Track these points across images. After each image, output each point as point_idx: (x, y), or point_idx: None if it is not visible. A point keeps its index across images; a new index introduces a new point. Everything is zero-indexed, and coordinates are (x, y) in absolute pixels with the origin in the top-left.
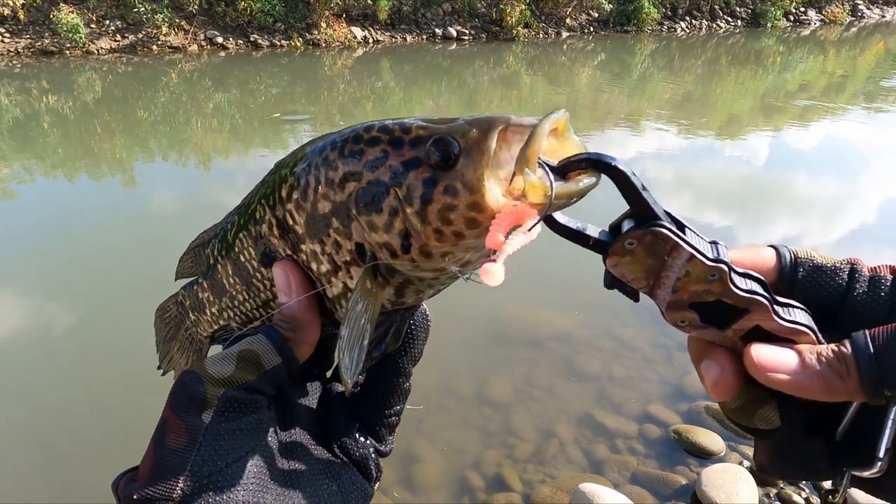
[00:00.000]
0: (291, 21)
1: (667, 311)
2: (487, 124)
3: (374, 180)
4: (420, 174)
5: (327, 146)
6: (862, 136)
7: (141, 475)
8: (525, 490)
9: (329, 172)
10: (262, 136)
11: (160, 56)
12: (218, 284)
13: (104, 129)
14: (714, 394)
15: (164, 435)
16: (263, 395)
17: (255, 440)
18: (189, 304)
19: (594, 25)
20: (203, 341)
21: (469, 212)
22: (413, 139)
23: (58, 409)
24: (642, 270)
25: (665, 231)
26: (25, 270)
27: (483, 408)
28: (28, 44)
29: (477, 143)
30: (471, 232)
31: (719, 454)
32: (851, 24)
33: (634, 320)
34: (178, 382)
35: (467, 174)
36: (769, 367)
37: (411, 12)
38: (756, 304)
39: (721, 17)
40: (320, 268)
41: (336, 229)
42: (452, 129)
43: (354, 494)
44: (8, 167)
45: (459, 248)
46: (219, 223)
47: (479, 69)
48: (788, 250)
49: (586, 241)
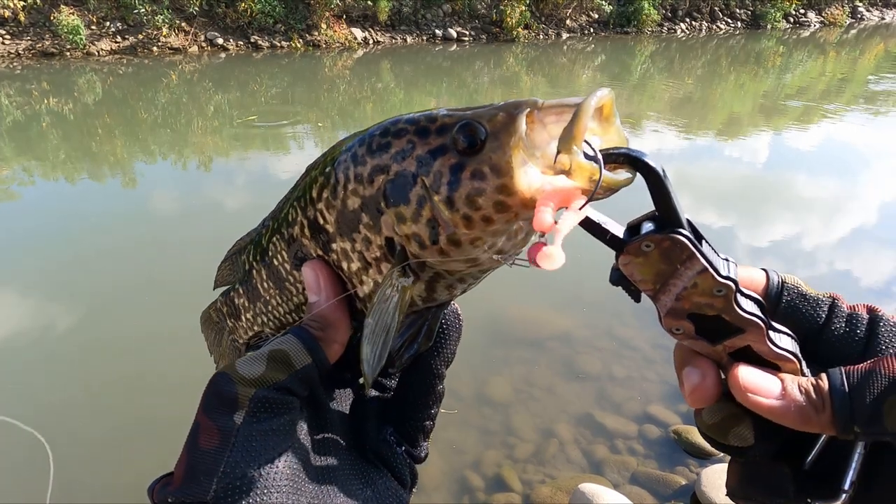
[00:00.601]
0: (292, 22)
1: (665, 316)
2: (515, 107)
3: (401, 171)
4: (447, 161)
5: (356, 144)
6: (861, 137)
7: (175, 479)
8: (525, 490)
9: (358, 168)
10: (261, 136)
11: (160, 57)
12: (253, 289)
13: (104, 130)
14: (691, 400)
15: (196, 437)
16: (295, 397)
17: (288, 441)
18: (227, 310)
19: (594, 27)
20: (240, 348)
21: (497, 195)
22: (439, 127)
23: (58, 409)
24: (652, 274)
25: (684, 240)
26: (25, 271)
27: (483, 408)
28: (29, 45)
29: (505, 126)
30: (500, 216)
31: (719, 455)
32: (851, 26)
33: (634, 320)
34: (210, 384)
35: (495, 157)
36: (752, 390)
37: (411, 13)
38: (753, 326)
39: (721, 19)
40: (351, 266)
41: (366, 225)
42: (478, 114)
43: (389, 500)
44: (8, 168)
45: (488, 234)
46: (254, 229)
47: (480, 70)
48: (777, 275)
49: (603, 235)
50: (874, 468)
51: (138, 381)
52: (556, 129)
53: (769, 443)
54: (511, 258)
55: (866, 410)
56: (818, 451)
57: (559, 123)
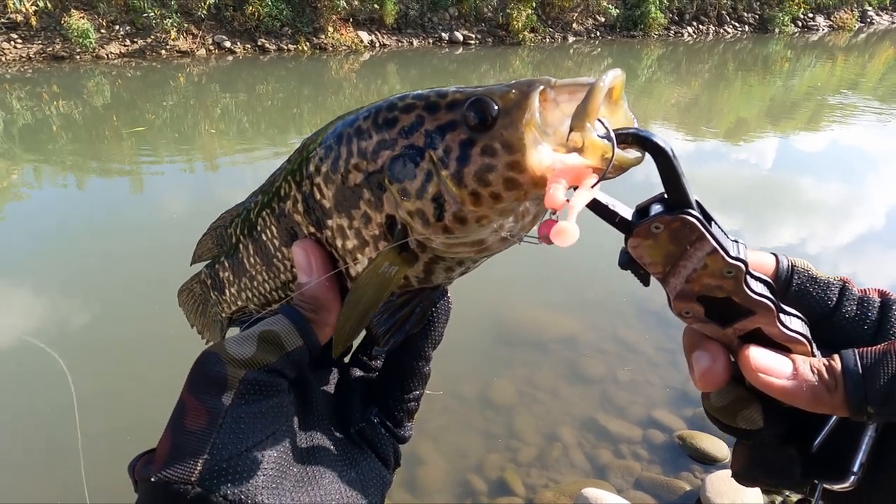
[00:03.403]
0: (299, 25)
1: (674, 299)
2: (528, 85)
3: (408, 146)
4: (457, 136)
5: (359, 118)
6: (869, 140)
7: (158, 457)
8: (528, 494)
9: (362, 142)
10: (269, 138)
11: (169, 60)
12: (239, 264)
13: (113, 132)
14: (701, 383)
15: (182, 417)
16: (284, 379)
17: (276, 424)
18: (210, 283)
19: (601, 30)
20: (223, 321)
21: (508, 172)
22: (449, 103)
23: (63, 410)
24: (662, 256)
25: (694, 220)
26: (32, 272)
27: (486, 411)
28: (40, 49)
29: (517, 103)
30: (509, 194)
31: (724, 460)
32: (860, 31)
33: (639, 323)
34: (198, 363)
35: (506, 134)
36: (764, 370)
37: (418, 16)
38: (763, 308)
39: (728, 23)
40: (346, 244)
41: (367, 201)
42: (490, 91)
43: (373, 481)
44: (18, 170)
45: (496, 212)
46: (241, 203)
47: (486, 73)
48: (787, 259)
49: (612, 217)
50: (884, 450)
51: (145, 383)
52: (568, 108)
53: (778, 426)
54: (522, 235)
55: (881, 391)
56: (826, 434)
57: (572, 102)
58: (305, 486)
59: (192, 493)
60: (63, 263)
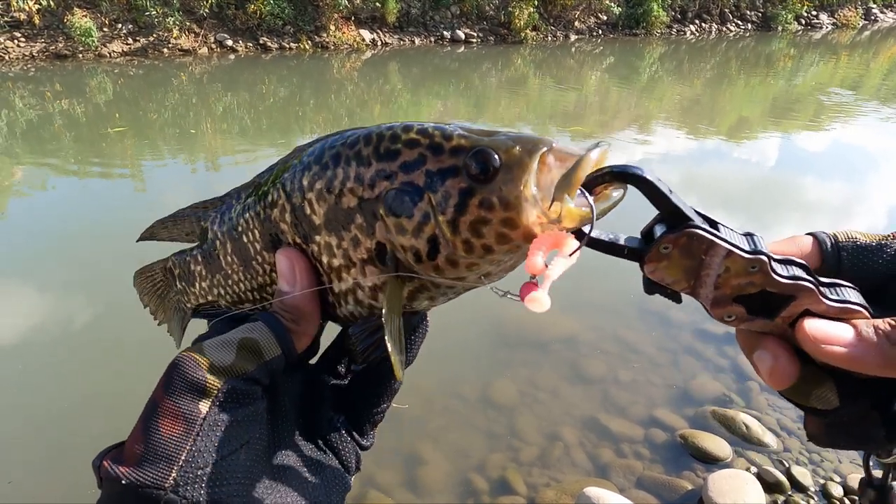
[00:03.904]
0: (300, 24)
1: (711, 308)
2: (532, 144)
3: (408, 182)
4: (457, 183)
5: (360, 140)
6: (872, 139)
7: (128, 457)
8: (530, 493)
9: (360, 168)
10: (270, 137)
11: (171, 59)
12: (214, 260)
13: (115, 131)
14: (772, 383)
15: (156, 419)
16: (259, 386)
17: (250, 433)
18: (178, 272)
19: (603, 28)
20: (186, 311)
21: (502, 227)
22: (453, 147)
23: (67, 410)
24: (681, 272)
25: (699, 231)
26: (33, 272)
27: (488, 410)
28: (42, 47)
29: (519, 162)
30: (500, 247)
31: (726, 460)
32: (864, 28)
33: (640, 323)
34: (176, 366)
35: (505, 190)
36: (824, 340)
37: (419, 15)
38: (802, 290)
39: (731, 21)
40: (332, 261)
41: (358, 226)
42: (495, 144)
43: (336, 488)
44: (21, 169)
45: (485, 261)
46: (220, 196)
47: (487, 72)
48: (827, 235)
49: (620, 251)
50: None
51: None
52: (557, 173)
53: (855, 404)
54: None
55: None
56: None
57: (560, 168)
58: (274, 492)
59: (165, 498)
60: (65, 262)
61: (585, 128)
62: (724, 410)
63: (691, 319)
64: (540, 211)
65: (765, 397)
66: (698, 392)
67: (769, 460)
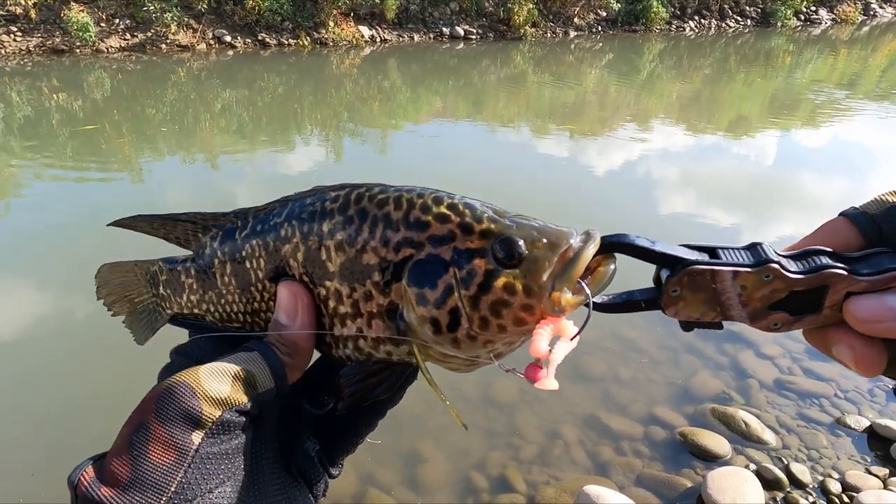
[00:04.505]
0: (299, 20)
1: (752, 324)
2: (556, 239)
3: (435, 255)
4: (483, 264)
5: (390, 202)
6: (871, 136)
7: (112, 479)
8: (529, 491)
9: (387, 231)
10: (269, 134)
11: (169, 55)
12: (209, 278)
13: (113, 126)
14: (863, 371)
15: (146, 443)
16: (248, 418)
17: (236, 464)
18: (165, 279)
19: (602, 25)
20: (163, 316)
21: (521, 312)
22: (483, 231)
23: (65, 409)
24: (702, 306)
25: (696, 267)
26: (31, 268)
27: (488, 408)
28: (39, 42)
29: (544, 255)
30: (515, 329)
31: (725, 457)
32: (863, 24)
33: (640, 321)
34: (170, 391)
35: (528, 279)
36: (871, 319)
37: (419, 11)
38: (830, 277)
39: (730, 17)
40: (339, 308)
41: (375, 283)
42: (523, 234)
43: None
44: (18, 164)
45: (499, 340)
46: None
47: (487, 68)
48: (856, 211)
49: (638, 306)
50: None
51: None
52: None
53: None
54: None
55: None
56: None
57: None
58: None
59: None
60: (64, 258)
61: (584, 126)
62: (724, 408)
63: None
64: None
65: (764, 395)
66: (698, 390)
67: (768, 457)
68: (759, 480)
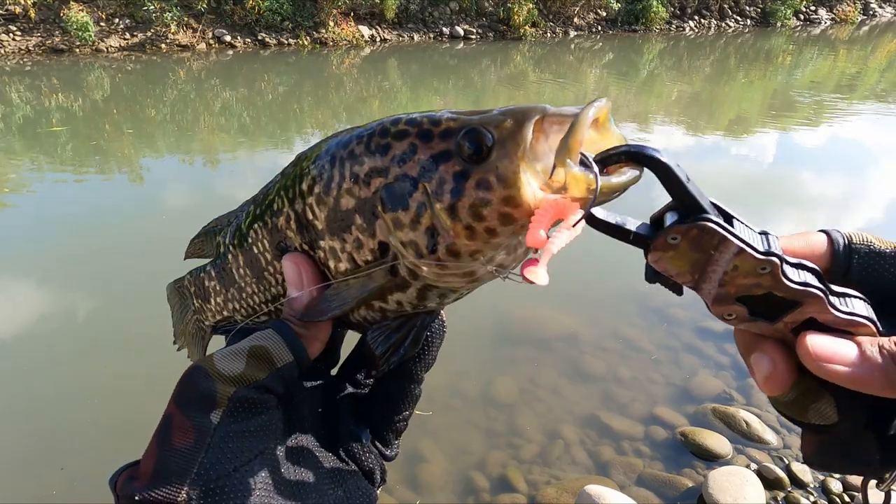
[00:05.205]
0: (299, 20)
1: (712, 304)
2: (523, 114)
3: (401, 175)
4: (450, 167)
5: (353, 140)
6: (871, 135)
7: (143, 474)
8: (530, 491)
9: (354, 167)
10: (269, 133)
11: (169, 54)
12: (227, 274)
13: (113, 126)
14: (766, 389)
15: (169, 433)
16: (273, 395)
17: (264, 443)
18: (194, 290)
19: (602, 25)
20: (205, 329)
21: (503, 207)
22: (443, 131)
23: (63, 406)
24: (687, 265)
25: (712, 225)
26: (31, 267)
27: (488, 408)
28: (39, 42)
29: (512, 135)
30: (504, 229)
31: (726, 457)
32: (863, 23)
33: (641, 320)
34: (186, 378)
35: (501, 167)
36: (825, 358)
37: (419, 11)
38: (810, 297)
39: (730, 17)
40: (339, 266)
41: (359, 227)
42: (485, 120)
43: (360, 500)
44: (17, 163)
45: (490, 247)
46: (233, 211)
47: (487, 68)
48: (841, 235)
49: (626, 235)
50: None
51: (145, 377)
52: (555, 140)
53: (854, 417)
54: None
55: None
56: None
57: (560, 133)
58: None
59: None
60: (64, 257)
61: None
62: (725, 408)
63: (692, 317)
64: (542, 182)
65: (765, 395)
66: (698, 389)
67: (769, 457)
68: (761, 480)
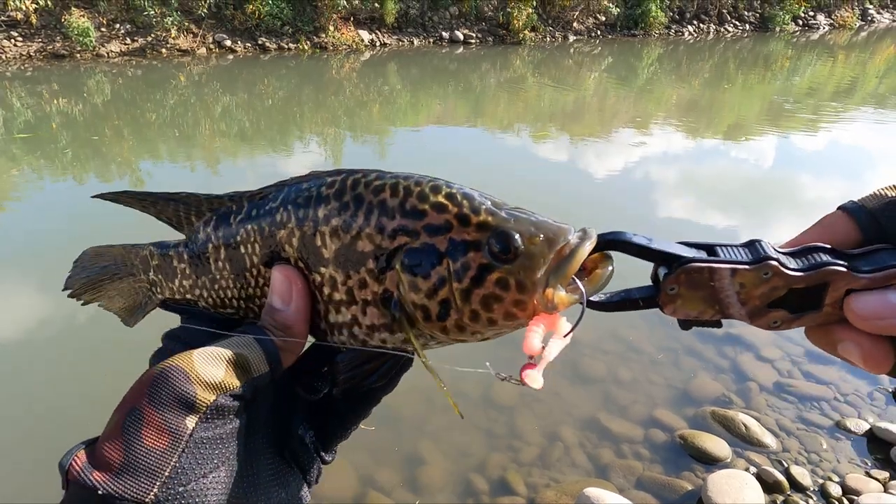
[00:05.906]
0: (299, 24)
1: (752, 321)
2: (553, 235)
3: (429, 245)
4: (478, 257)
5: (386, 189)
6: (869, 140)
7: (104, 464)
8: (529, 494)
9: (383, 218)
10: (269, 138)
11: (169, 59)
12: (202, 263)
13: (113, 131)
14: (871, 369)
15: (139, 430)
16: (242, 402)
17: (230, 449)
18: (157, 263)
19: (601, 29)
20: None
21: (512, 307)
22: (480, 223)
23: (63, 410)
24: (701, 304)
25: (694, 265)
26: (31, 272)
27: (488, 410)
28: (40, 47)
29: (540, 252)
30: (506, 323)
31: (725, 460)
32: (861, 29)
33: (641, 322)
34: (163, 376)
35: (522, 275)
36: (874, 315)
37: (418, 16)
38: (830, 274)
39: (729, 22)
40: (333, 295)
41: (370, 270)
42: (519, 228)
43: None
44: (18, 169)
45: (489, 331)
46: (216, 196)
47: (486, 73)
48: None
49: (636, 304)
50: None
51: None
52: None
53: None
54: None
55: None
56: None
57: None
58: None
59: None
60: (65, 262)
61: (584, 129)
62: (724, 411)
63: None
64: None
65: (764, 398)
66: (698, 392)
67: (768, 460)
68: (760, 483)
